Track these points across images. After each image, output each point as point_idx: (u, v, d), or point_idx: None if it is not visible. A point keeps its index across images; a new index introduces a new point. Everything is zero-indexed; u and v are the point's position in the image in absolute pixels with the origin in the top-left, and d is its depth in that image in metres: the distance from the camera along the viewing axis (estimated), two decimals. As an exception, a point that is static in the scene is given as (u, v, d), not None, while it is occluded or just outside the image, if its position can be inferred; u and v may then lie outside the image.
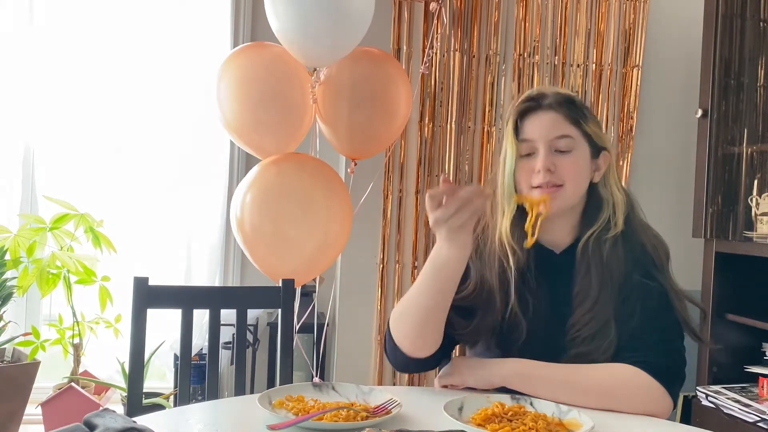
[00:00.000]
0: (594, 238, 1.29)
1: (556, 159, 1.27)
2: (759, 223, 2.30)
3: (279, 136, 2.24)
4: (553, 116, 1.28)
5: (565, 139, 1.27)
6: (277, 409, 1.09)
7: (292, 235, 2.16)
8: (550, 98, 1.30)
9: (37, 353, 2.50)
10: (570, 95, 1.33)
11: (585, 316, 1.25)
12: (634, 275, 1.27)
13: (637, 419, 1.15)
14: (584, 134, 1.29)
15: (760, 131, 2.45)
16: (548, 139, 1.27)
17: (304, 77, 2.23)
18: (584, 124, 1.29)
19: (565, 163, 1.27)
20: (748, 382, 2.30)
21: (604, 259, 1.27)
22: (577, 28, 2.79)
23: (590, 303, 1.25)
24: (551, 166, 1.26)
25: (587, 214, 1.32)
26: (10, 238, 2.47)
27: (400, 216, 2.74)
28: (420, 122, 2.73)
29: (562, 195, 1.27)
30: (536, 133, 1.28)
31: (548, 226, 1.30)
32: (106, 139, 2.80)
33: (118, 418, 0.91)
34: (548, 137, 1.27)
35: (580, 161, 1.29)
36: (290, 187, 2.17)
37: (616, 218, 1.30)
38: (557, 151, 1.27)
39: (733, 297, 2.39)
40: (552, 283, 1.29)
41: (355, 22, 2.10)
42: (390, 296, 2.74)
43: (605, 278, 1.26)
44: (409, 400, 1.17)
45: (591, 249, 1.28)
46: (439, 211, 1.10)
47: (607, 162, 1.33)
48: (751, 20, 2.47)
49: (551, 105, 1.29)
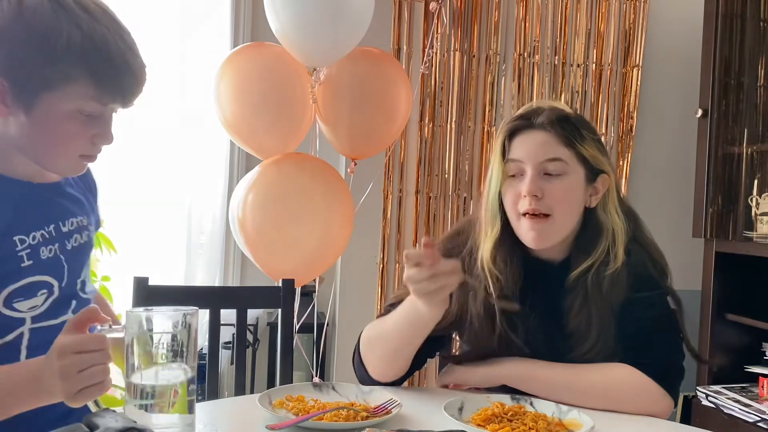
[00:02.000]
0: (593, 271, 1.19)
1: (545, 184, 1.17)
2: (759, 223, 2.30)
3: (279, 136, 2.24)
4: (544, 136, 1.18)
5: (555, 162, 1.17)
6: (277, 409, 1.09)
7: (293, 235, 2.16)
8: (543, 116, 1.19)
9: (37, 353, 2.50)
10: (566, 113, 1.22)
11: (586, 355, 1.19)
12: (636, 294, 1.21)
13: (637, 419, 1.15)
14: (579, 156, 1.19)
15: (760, 131, 2.45)
16: (537, 161, 1.17)
17: (304, 77, 2.23)
18: (580, 145, 1.19)
19: (554, 189, 1.17)
20: (748, 382, 2.30)
21: (604, 295, 1.18)
22: (577, 28, 2.79)
23: (591, 343, 1.19)
24: (538, 191, 1.17)
25: (581, 238, 1.22)
26: (10, 238, 2.47)
27: (400, 216, 2.74)
28: (420, 122, 2.73)
29: (550, 228, 1.18)
30: (525, 154, 1.18)
31: (542, 251, 1.24)
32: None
33: (118, 418, 0.91)
34: (537, 159, 1.17)
35: (571, 187, 1.19)
36: (291, 186, 2.17)
37: (616, 249, 1.19)
38: (547, 175, 1.18)
39: (733, 297, 2.39)
40: (552, 294, 1.23)
41: (354, 22, 2.10)
42: (390, 296, 2.74)
43: (606, 315, 1.19)
44: (409, 400, 1.17)
45: (589, 284, 1.19)
46: (413, 270, 1.07)
47: (606, 185, 1.22)
48: (751, 20, 2.47)
49: (543, 124, 1.19)
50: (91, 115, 0.98)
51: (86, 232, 1.16)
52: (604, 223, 1.21)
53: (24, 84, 0.92)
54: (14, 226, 1.00)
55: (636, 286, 1.21)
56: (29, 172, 1.04)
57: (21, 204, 1.03)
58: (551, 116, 1.19)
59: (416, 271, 1.07)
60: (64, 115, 0.95)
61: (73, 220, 1.12)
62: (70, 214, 1.12)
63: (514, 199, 1.20)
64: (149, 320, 0.89)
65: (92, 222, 1.19)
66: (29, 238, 1.01)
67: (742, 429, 2.09)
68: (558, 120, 1.19)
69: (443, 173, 2.74)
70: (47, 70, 0.91)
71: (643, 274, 1.22)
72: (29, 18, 0.90)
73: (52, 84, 0.92)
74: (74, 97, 0.94)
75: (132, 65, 0.97)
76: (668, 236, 2.80)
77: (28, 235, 1.01)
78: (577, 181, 1.20)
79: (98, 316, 0.91)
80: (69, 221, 1.11)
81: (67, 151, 1.01)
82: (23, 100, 0.94)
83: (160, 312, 0.90)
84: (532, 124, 1.20)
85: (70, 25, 0.90)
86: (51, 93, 0.93)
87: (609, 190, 1.22)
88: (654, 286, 1.23)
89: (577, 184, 1.20)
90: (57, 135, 0.97)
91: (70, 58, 0.91)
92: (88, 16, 0.91)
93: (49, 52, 0.90)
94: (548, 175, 1.18)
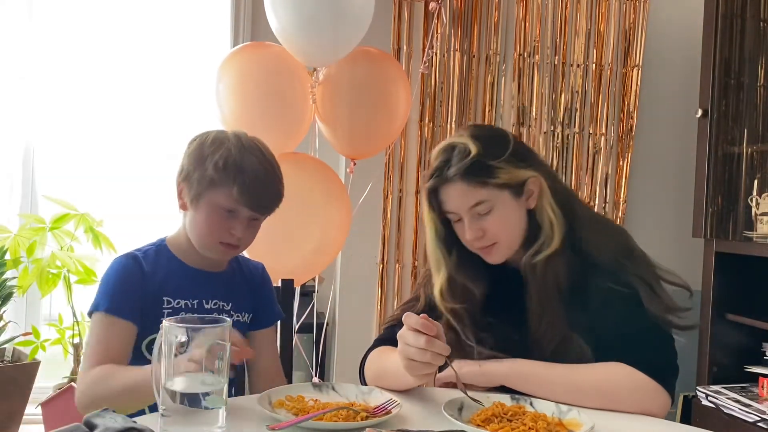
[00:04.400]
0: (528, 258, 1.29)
1: (482, 223, 1.27)
2: (759, 223, 2.30)
3: (278, 135, 2.23)
4: (461, 187, 1.26)
5: (480, 205, 1.26)
6: (276, 409, 1.09)
7: (291, 235, 2.16)
8: (452, 169, 1.26)
9: (37, 353, 2.50)
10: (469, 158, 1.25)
11: (537, 334, 1.27)
12: (596, 284, 1.26)
13: (637, 419, 1.15)
14: (498, 187, 1.26)
15: (760, 131, 2.45)
16: (465, 209, 1.27)
17: (303, 77, 2.23)
18: (494, 179, 1.25)
19: (490, 224, 1.27)
20: (748, 382, 2.30)
21: (539, 278, 1.27)
22: (577, 28, 2.79)
23: (536, 322, 1.27)
24: (479, 232, 1.27)
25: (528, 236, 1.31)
26: (10, 238, 2.47)
27: (400, 216, 2.74)
28: (420, 122, 2.73)
29: (500, 249, 1.29)
30: (454, 206, 1.28)
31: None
32: (107, 139, 2.81)
33: (118, 418, 0.91)
34: (465, 207, 1.27)
35: (504, 214, 1.27)
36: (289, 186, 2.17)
37: (553, 237, 1.27)
38: (480, 215, 1.27)
39: (733, 297, 2.39)
40: (519, 296, 1.31)
41: (354, 22, 2.10)
42: (390, 296, 2.74)
43: (546, 296, 1.27)
44: (409, 400, 1.17)
45: (528, 271, 1.28)
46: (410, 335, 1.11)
47: (538, 184, 1.29)
48: (751, 20, 2.47)
49: (454, 177, 1.26)
50: (231, 212, 1.34)
51: (226, 314, 1.41)
52: (540, 219, 1.29)
53: (195, 186, 1.34)
54: (165, 290, 1.35)
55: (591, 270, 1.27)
56: (200, 263, 1.41)
57: (176, 276, 1.38)
58: (459, 166, 1.25)
59: (412, 337, 1.11)
60: (213, 207, 1.33)
61: (217, 301, 1.41)
62: (218, 297, 1.41)
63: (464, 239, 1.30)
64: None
65: (239, 309, 1.44)
66: (174, 302, 1.35)
67: (742, 429, 2.08)
68: (465, 169, 1.25)
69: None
70: (210, 179, 1.32)
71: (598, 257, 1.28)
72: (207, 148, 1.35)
73: (211, 188, 1.32)
74: (224, 197, 1.32)
75: (267, 185, 1.37)
76: (668, 236, 2.82)
77: (174, 299, 1.35)
78: (507, 205, 1.28)
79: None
80: (212, 301, 1.40)
81: (212, 236, 1.35)
82: (192, 198, 1.35)
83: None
84: (447, 179, 1.27)
85: (228, 152, 1.33)
86: (209, 193, 1.33)
87: (542, 190, 1.29)
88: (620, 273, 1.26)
89: (508, 208, 1.28)
90: (206, 222, 1.34)
91: (227, 173, 1.31)
92: (243, 147, 1.35)
93: (213, 167, 1.32)
94: (481, 215, 1.27)
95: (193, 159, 1.36)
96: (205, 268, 1.43)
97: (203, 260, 1.42)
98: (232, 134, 1.38)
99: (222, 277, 1.43)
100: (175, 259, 1.41)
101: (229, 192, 1.32)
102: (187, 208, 1.38)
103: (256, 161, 1.35)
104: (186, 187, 1.36)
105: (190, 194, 1.35)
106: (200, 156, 1.35)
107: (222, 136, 1.37)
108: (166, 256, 1.41)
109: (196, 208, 1.35)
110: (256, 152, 1.37)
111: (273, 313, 1.53)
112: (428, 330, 1.11)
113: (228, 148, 1.34)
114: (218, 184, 1.32)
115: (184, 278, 1.39)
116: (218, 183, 1.32)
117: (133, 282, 1.34)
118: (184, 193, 1.37)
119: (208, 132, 1.40)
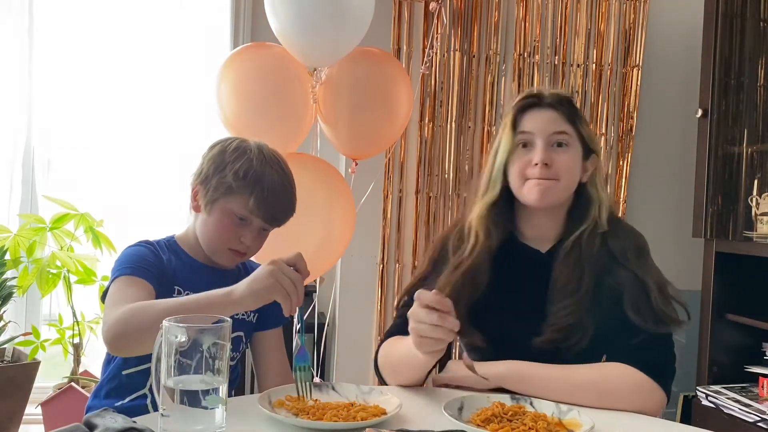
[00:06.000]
0: (587, 234, 1.32)
1: (554, 154, 1.30)
2: (759, 223, 2.30)
3: (280, 136, 2.23)
4: (552, 114, 1.32)
5: (562, 135, 1.31)
6: (277, 409, 1.09)
7: (294, 235, 2.16)
8: (550, 97, 1.34)
9: (37, 353, 2.50)
10: (568, 97, 1.37)
11: (567, 307, 1.27)
12: (615, 273, 1.29)
13: (637, 419, 1.15)
14: (579, 134, 1.34)
15: (760, 131, 2.46)
16: (547, 134, 1.31)
17: (304, 77, 2.23)
18: (580, 125, 1.34)
19: (561, 158, 1.31)
20: (748, 382, 2.30)
21: (594, 255, 1.30)
22: (577, 28, 2.79)
23: (574, 294, 1.27)
24: (548, 160, 1.29)
25: (574, 212, 1.36)
26: (10, 238, 2.47)
27: (400, 216, 2.75)
28: (420, 122, 2.73)
29: (555, 188, 1.31)
30: (536, 127, 1.32)
31: (536, 221, 1.36)
32: (107, 139, 2.80)
33: (118, 418, 0.91)
34: (547, 132, 1.31)
35: (574, 158, 1.33)
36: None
37: (602, 217, 1.33)
38: (553, 146, 1.31)
39: (733, 297, 2.39)
40: (533, 279, 1.32)
41: (355, 22, 2.10)
42: (390, 296, 2.74)
43: (591, 273, 1.29)
44: (409, 400, 1.17)
45: (584, 245, 1.31)
46: (422, 311, 1.11)
47: (595, 165, 1.36)
48: (751, 20, 2.48)
49: (551, 103, 1.33)
50: (243, 220, 1.37)
51: None
52: (593, 196, 1.35)
53: (212, 191, 1.37)
54: (176, 279, 1.38)
55: (616, 259, 1.30)
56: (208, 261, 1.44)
57: (186, 268, 1.41)
58: (558, 98, 1.34)
59: (425, 313, 1.11)
60: (226, 213, 1.37)
61: None
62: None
63: (523, 167, 1.32)
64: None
65: None
66: (184, 292, 1.37)
67: (742, 429, 2.09)
68: (563, 101, 1.34)
69: (443, 173, 2.75)
70: (228, 186, 1.35)
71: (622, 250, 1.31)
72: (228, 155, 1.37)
73: (228, 194, 1.36)
74: (239, 206, 1.36)
75: (282, 199, 1.41)
76: (668, 236, 2.82)
77: (184, 290, 1.37)
78: (577, 155, 1.34)
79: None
80: None
81: (221, 241, 1.39)
82: (207, 202, 1.37)
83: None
84: (541, 102, 1.34)
85: (250, 162, 1.36)
86: (224, 199, 1.36)
87: (596, 170, 1.37)
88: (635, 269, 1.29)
89: (578, 157, 1.34)
90: (217, 227, 1.38)
91: (246, 183, 1.35)
92: (264, 160, 1.38)
93: (233, 175, 1.35)
94: (555, 147, 1.31)
95: (213, 164, 1.38)
96: (213, 265, 1.45)
97: (211, 259, 1.44)
98: (255, 145, 1.41)
99: (229, 275, 1.44)
100: (185, 253, 1.44)
101: (245, 201, 1.35)
102: (200, 211, 1.40)
103: (275, 175, 1.39)
104: (202, 189, 1.39)
105: (206, 198, 1.38)
106: (221, 162, 1.37)
107: (244, 146, 1.40)
108: (177, 250, 1.44)
109: (209, 212, 1.38)
110: (276, 166, 1.40)
111: (279, 315, 1.53)
112: (442, 306, 1.11)
113: (250, 159, 1.37)
114: (235, 192, 1.35)
115: (193, 272, 1.42)
116: (236, 191, 1.35)
117: (150, 259, 1.36)
118: (200, 195, 1.39)
119: (230, 139, 1.43)
